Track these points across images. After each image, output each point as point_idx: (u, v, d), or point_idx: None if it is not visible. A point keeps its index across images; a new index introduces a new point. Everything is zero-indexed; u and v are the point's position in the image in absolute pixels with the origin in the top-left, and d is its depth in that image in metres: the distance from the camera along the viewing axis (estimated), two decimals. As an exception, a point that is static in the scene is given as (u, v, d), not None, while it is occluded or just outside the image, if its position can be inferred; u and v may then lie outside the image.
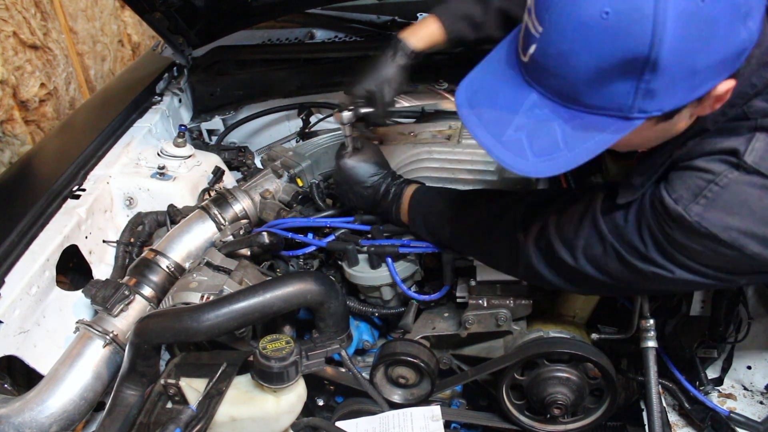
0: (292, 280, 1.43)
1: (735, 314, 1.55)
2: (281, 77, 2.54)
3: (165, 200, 2.02)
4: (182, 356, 1.40)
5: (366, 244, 1.64)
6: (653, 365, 1.48)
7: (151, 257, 1.74)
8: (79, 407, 1.52)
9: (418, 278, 1.74)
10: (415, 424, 1.52)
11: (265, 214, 1.87)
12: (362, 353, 1.80)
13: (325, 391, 1.70)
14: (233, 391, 1.26)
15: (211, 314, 1.34)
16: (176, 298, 1.56)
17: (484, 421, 1.64)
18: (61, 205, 1.88)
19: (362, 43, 2.58)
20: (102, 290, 1.62)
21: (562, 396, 1.48)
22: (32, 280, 1.65)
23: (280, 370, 1.20)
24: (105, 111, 2.33)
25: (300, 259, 1.80)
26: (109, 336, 1.58)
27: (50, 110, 3.59)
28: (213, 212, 1.83)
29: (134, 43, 4.68)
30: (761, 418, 1.63)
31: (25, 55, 3.40)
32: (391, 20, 2.61)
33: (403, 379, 1.60)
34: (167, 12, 2.28)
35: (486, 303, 1.52)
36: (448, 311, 1.66)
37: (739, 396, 1.75)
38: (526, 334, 1.55)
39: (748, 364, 1.74)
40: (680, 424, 1.66)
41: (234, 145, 2.58)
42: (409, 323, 1.64)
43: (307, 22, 2.74)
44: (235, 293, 1.41)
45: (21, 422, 1.44)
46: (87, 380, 1.54)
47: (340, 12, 2.72)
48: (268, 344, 1.21)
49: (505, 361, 1.51)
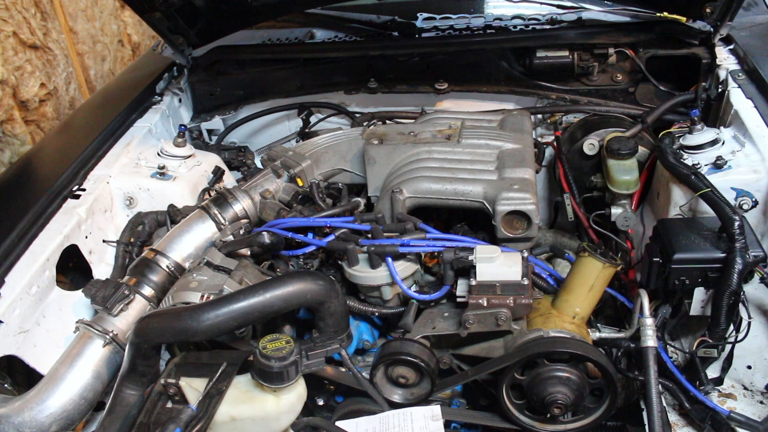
0: (292, 279, 1.43)
1: (735, 314, 1.55)
2: (281, 77, 2.55)
3: (165, 200, 2.03)
4: (182, 356, 1.40)
5: (366, 244, 1.64)
6: (653, 365, 1.48)
7: (151, 257, 1.74)
8: (79, 407, 1.52)
9: (418, 278, 1.75)
10: (415, 424, 1.52)
11: (265, 214, 1.87)
12: (362, 353, 1.80)
13: (325, 390, 1.70)
14: (233, 390, 1.26)
15: (211, 314, 1.34)
16: (176, 297, 1.56)
17: (484, 420, 1.64)
18: (61, 205, 1.88)
19: (362, 43, 2.58)
20: (102, 290, 1.62)
21: (562, 396, 1.48)
22: (32, 279, 1.65)
23: (280, 369, 1.20)
24: (105, 111, 2.34)
25: (300, 259, 1.81)
26: (109, 336, 1.58)
27: (50, 110, 3.59)
28: (213, 212, 1.83)
29: (134, 43, 4.68)
30: (761, 417, 1.63)
31: (25, 55, 3.40)
32: (391, 20, 2.62)
33: (403, 378, 1.60)
34: (167, 12, 2.28)
35: (486, 303, 1.52)
36: (448, 311, 1.66)
37: (739, 396, 1.75)
38: (526, 334, 1.55)
39: (748, 363, 1.74)
40: (680, 423, 1.66)
41: (234, 145, 2.58)
42: (409, 323, 1.64)
43: (307, 22, 2.74)
44: (235, 293, 1.41)
45: (21, 422, 1.44)
46: (87, 380, 1.54)
47: (340, 12, 2.73)
48: (268, 344, 1.21)
49: (505, 360, 1.51)
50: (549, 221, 2.38)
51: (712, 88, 2.14)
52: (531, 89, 2.34)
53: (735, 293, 1.49)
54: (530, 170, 1.78)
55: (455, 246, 1.60)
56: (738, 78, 2.07)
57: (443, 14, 2.63)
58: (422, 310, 1.70)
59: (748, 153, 1.79)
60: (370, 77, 2.39)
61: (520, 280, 1.51)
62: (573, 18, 2.49)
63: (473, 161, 1.84)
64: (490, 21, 2.57)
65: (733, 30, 2.21)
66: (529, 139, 1.95)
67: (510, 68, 2.40)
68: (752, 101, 1.95)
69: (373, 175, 1.91)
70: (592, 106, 2.26)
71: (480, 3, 2.87)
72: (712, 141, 1.84)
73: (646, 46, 2.29)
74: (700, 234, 1.58)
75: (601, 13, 2.51)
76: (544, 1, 2.62)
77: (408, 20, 2.60)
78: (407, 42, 2.54)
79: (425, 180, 1.78)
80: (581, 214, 2.03)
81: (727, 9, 2.08)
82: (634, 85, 2.31)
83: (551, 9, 2.59)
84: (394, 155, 1.88)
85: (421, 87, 2.38)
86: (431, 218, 1.93)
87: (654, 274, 1.60)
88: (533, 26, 2.50)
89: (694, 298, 1.62)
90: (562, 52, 2.32)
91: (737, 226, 1.49)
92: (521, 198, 1.67)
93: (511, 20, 2.57)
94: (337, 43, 2.61)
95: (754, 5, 2.48)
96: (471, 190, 1.74)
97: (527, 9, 2.64)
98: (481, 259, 1.53)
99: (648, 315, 1.54)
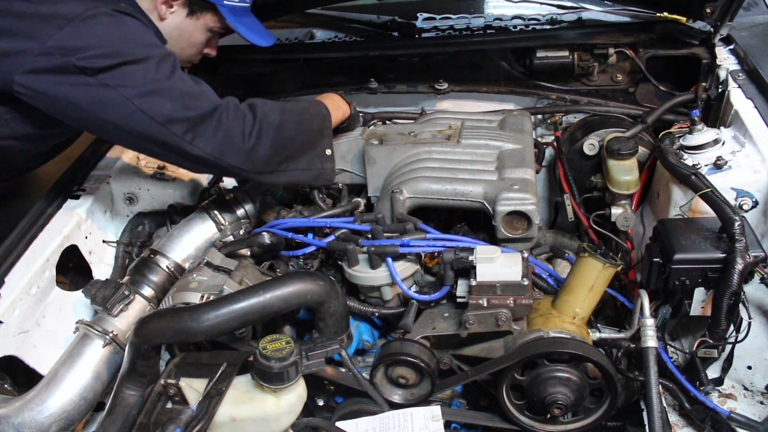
0: (292, 280, 1.43)
1: (735, 314, 1.55)
2: (281, 77, 2.54)
3: (165, 200, 2.03)
4: (182, 356, 1.40)
5: (366, 244, 1.64)
6: (653, 365, 1.48)
7: (151, 257, 1.74)
8: (79, 407, 1.52)
9: (418, 278, 1.75)
10: (415, 424, 1.52)
11: (265, 214, 1.87)
12: (362, 353, 1.80)
13: (325, 391, 1.69)
14: (233, 391, 1.26)
15: (211, 314, 1.34)
16: (176, 298, 1.56)
17: (484, 421, 1.64)
18: (61, 205, 1.88)
19: (362, 43, 2.58)
20: (102, 290, 1.62)
21: (562, 396, 1.48)
22: (32, 280, 1.65)
23: (280, 370, 1.20)
24: (105, 111, 2.33)
25: (300, 259, 1.81)
26: (109, 336, 1.59)
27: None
28: (213, 212, 1.83)
29: (134, 43, 4.67)
30: (761, 418, 1.63)
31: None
32: (391, 20, 2.61)
33: (403, 379, 1.59)
34: (167, 12, 2.28)
35: (486, 303, 1.52)
36: (448, 311, 1.66)
37: (740, 396, 1.75)
38: (526, 334, 1.55)
39: (748, 364, 1.74)
40: (680, 424, 1.66)
41: (234, 145, 2.57)
42: (409, 323, 1.63)
43: (307, 22, 2.74)
44: (235, 293, 1.41)
45: (21, 422, 1.44)
46: (87, 380, 1.54)
47: (340, 12, 2.72)
48: (268, 344, 1.21)
49: (505, 361, 1.51)
50: (549, 221, 2.38)
51: (712, 89, 2.14)
52: (531, 89, 2.34)
53: (735, 293, 1.49)
54: (530, 170, 1.78)
55: (455, 246, 1.60)
56: (738, 78, 2.06)
57: (443, 14, 2.63)
58: (422, 310, 1.70)
59: (749, 153, 1.79)
60: (370, 77, 2.39)
61: (521, 280, 1.51)
62: (573, 18, 2.49)
63: (473, 161, 1.84)
64: (490, 21, 2.57)
65: (733, 30, 2.21)
66: (529, 139, 1.95)
67: (510, 68, 2.40)
68: (752, 101, 1.95)
69: (373, 175, 1.91)
70: (592, 107, 2.26)
71: (480, 3, 2.87)
72: (712, 141, 1.84)
73: (646, 46, 2.29)
74: (701, 234, 1.58)
75: (601, 13, 2.50)
76: (544, 1, 2.62)
77: (408, 20, 2.60)
78: (407, 42, 2.53)
79: (425, 180, 1.78)
80: (581, 215, 2.03)
81: (727, 9, 2.07)
82: (634, 85, 2.31)
83: (551, 9, 2.58)
84: (394, 155, 1.88)
85: (421, 87, 2.37)
86: (431, 218, 1.93)
87: (654, 274, 1.60)
88: (533, 26, 2.49)
89: (695, 298, 1.61)
90: (562, 52, 2.31)
91: (737, 226, 1.49)
92: (521, 198, 1.67)
93: (511, 20, 2.57)
94: (337, 43, 2.61)
95: (754, 5, 2.48)
96: (471, 190, 1.74)
97: (527, 9, 2.63)
98: (481, 260, 1.53)
99: (648, 315, 1.54)
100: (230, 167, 1.60)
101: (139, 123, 1.50)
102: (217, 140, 1.55)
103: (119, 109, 1.49)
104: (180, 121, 1.52)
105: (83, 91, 1.47)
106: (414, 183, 1.78)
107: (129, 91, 1.47)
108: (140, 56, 1.50)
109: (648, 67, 2.28)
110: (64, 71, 1.45)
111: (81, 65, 1.44)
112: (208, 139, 1.55)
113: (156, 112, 1.49)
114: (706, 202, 1.60)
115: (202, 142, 1.54)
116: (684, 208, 1.79)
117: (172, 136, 1.52)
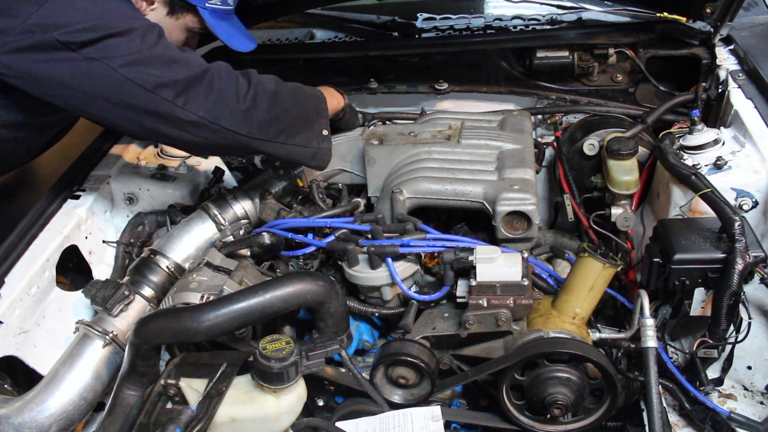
0: (292, 280, 1.43)
1: (735, 314, 1.55)
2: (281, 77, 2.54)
3: (165, 200, 2.03)
4: (182, 356, 1.40)
5: (366, 244, 1.64)
6: (653, 365, 1.48)
7: (151, 257, 1.74)
8: (79, 407, 1.52)
9: (418, 278, 1.75)
10: (415, 425, 1.52)
11: (265, 215, 1.87)
12: (362, 353, 1.80)
13: (325, 391, 1.69)
14: (233, 391, 1.26)
15: (211, 314, 1.34)
16: (176, 298, 1.56)
17: (484, 421, 1.64)
18: (61, 205, 1.88)
19: (362, 43, 2.58)
20: (102, 290, 1.62)
21: (562, 396, 1.48)
22: (32, 280, 1.65)
23: (280, 370, 1.20)
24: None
25: (300, 260, 1.81)
26: (109, 336, 1.59)
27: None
28: (213, 212, 1.83)
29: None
30: (761, 418, 1.62)
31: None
32: (391, 20, 2.61)
33: (403, 379, 1.59)
34: (167, 12, 2.28)
35: (486, 303, 1.52)
36: (448, 311, 1.66)
37: (740, 396, 1.74)
38: (526, 334, 1.55)
39: (748, 364, 1.74)
40: (680, 424, 1.66)
41: (234, 146, 2.57)
42: (409, 323, 1.63)
43: (307, 22, 2.74)
44: (235, 293, 1.41)
45: (21, 422, 1.44)
46: (87, 380, 1.54)
47: (340, 12, 2.72)
48: (268, 344, 1.21)
49: (505, 361, 1.51)
50: (549, 221, 2.38)
51: (712, 89, 2.14)
52: (531, 89, 2.34)
53: (735, 294, 1.49)
54: (530, 170, 1.78)
55: (455, 246, 1.60)
56: (738, 78, 2.06)
57: (443, 14, 2.63)
58: (422, 310, 1.70)
59: (749, 153, 1.79)
60: (370, 77, 2.39)
61: (520, 280, 1.51)
62: (573, 18, 2.49)
63: (473, 161, 1.84)
64: (490, 21, 2.57)
65: (733, 30, 2.21)
66: (529, 139, 1.95)
67: (510, 68, 2.40)
68: (752, 101, 1.95)
69: (373, 175, 1.91)
70: (592, 107, 2.26)
71: (480, 3, 2.87)
72: (712, 141, 1.84)
73: (646, 47, 2.29)
74: (701, 234, 1.58)
75: (601, 14, 2.50)
76: (544, 1, 2.62)
77: (408, 20, 2.60)
78: (407, 42, 2.53)
79: (425, 180, 1.78)
80: (581, 215, 2.03)
81: (727, 9, 2.07)
82: (634, 86, 2.31)
83: (551, 9, 2.58)
84: (394, 155, 1.88)
85: (421, 87, 2.38)
86: (431, 219, 1.93)
87: (654, 274, 1.60)
88: (533, 26, 2.49)
89: (695, 298, 1.61)
90: (562, 52, 2.32)
91: (737, 226, 1.49)
92: (521, 198, 1.67)
93: (511, 20, 2.57)
94: (337, 43, 2.61)
95: (754, 5, 2.48)
96: (471, 190, 1.74)
97: (527, 9, 2.64)
98: (481, 260, 1.53)
99: (648, 315, 1.54)
100: (226, 131, 1.55)
101: (128, 93, 1.47)
102: (210, 102, 1.52)
103: (106, 81, 1.46)
104: (169, 86, 1.48)
105: (68, 67, 1.44)
106: (414, 183, 1.78)
107: (115, 61, 1.44)
108: (124, 28, 1.47)
109: (648, 67, 2.28)
110: (47, 48, 1.42)
111: (64, 40, 1.41)
112: (200, 103, 1.51)
113: (144, 80, 1.46)
114: (706, 202, 1.60)
115: (194, 105, 1.51)
116: (684, 209, 1.79)
117: (163, 102, 1.48)
